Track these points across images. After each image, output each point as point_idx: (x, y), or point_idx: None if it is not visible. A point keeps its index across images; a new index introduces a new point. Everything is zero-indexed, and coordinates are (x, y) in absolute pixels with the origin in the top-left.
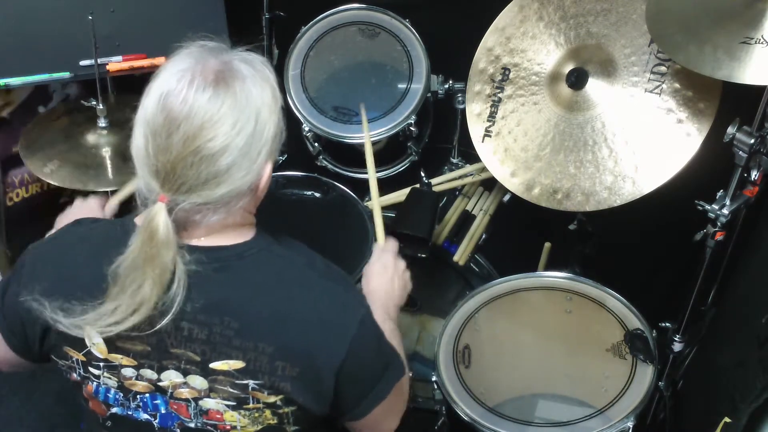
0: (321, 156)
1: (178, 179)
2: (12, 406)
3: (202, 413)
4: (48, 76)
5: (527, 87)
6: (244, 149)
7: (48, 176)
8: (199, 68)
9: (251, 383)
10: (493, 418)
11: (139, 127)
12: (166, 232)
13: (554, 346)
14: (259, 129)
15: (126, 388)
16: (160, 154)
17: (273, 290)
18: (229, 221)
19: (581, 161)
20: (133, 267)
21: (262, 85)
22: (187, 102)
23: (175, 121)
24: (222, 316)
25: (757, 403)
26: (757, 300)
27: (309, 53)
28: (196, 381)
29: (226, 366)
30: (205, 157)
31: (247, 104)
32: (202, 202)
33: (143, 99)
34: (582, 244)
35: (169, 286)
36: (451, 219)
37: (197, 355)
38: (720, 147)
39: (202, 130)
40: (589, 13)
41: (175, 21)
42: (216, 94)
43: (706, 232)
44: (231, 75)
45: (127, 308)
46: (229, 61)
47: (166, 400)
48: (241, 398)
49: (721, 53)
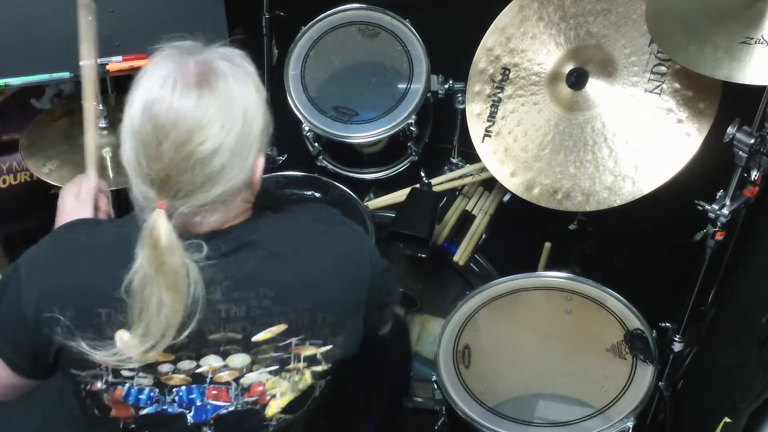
0: (321, 156)
1: (174, 185)
2: (12, 406)
3: (244, 391)
4: (48, 76)
5: (527, 87)
6: (235, 148)
7: (47, 176)
8: (180, 72)
9: (294, 340)
10: (492, 418)
11: (127, 137)
12: (169, 238)
13: (554, 346)
14: (248, 126)
15: (162, 383)
16: (153, 163)
17: (294, 251)
18: (229, 216)
19: (581, 161)
20: (146, 280)
21: (245, 81)
22: (173, 108)
23: (164, 129)
24: (257, 288)
25: (757, 403)
26: (757, 300)
27: (309, 53)
28: (237, 360)
29: (270, 334)
30: (198, 161)
31: (232, 103)
32: (200, 204)
33: (127, 109)
34: (582, 244)
35: (187, 290)
36: (451, 219)
37: (238, 333)
38: (720, 147)
39: (191, 135)
40: (589, 13)
41: (175, 21)
42: (201, 97)
43: (706, 232)
44: (213, 75)
45: (159, 329)
46: (208, 60)
47: (202, 390)
48: (283, 359)
49: (721, 53)
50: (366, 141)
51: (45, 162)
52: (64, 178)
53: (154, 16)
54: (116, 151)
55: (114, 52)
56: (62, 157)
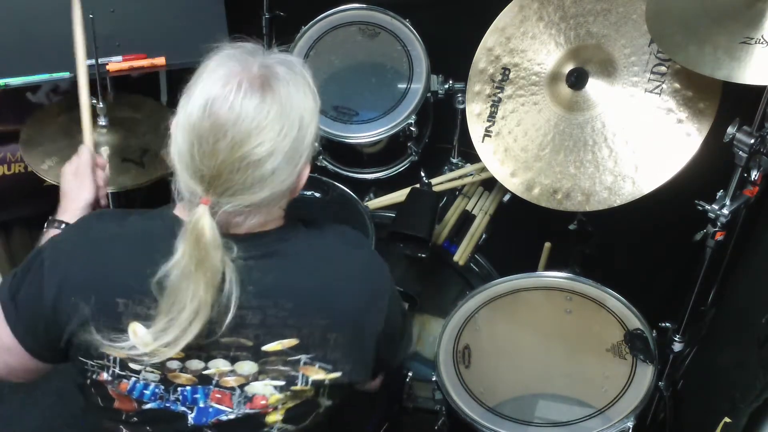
0: (321, 156)
1: (224, 183)
2: (12, 406)
3: (246, 401)
4: (48, 76)
5: (527, 87)
6: (288, 153)
7: (46, 173)
8: (245, 74)
9: (303, 357)
10: (492, 418)
11: (182, 131)
12: (213, 234)
13: (554, 346)
14: (302, 133)
15: (168, 380)
16: (206, 159)
17: (318, 267)
18: (268, 220)
19: (581, 161)
20: (184, 275)
21: (304, 89)
22: (234, 109)
23: (223, 128)
24: (276, 299)
25: (757, 403)
26: (757, 300)
27: (309, 53)
28: (244, 367)
29: (280, 346)
30: (252, 162)
31: (291, 109)
32: (246, 204)
33: (184, 103)
34: (582, 244)
35: (221, 287)
36: (451, 219)
37: (249, 340)
38: (720, 147)
39: (249, 136)
40: (589, 13)
41: (175, 21)
42: (263, 101)
43: (706, 232)
44: (275, 80)
45: (186, 320)
46: (270, 64)
47: (207, 392)
48: (291, 376)
49: (721, 53)
50: (366, 141)
51: (44, 158)
52: None
53: (154, 16)
54: (115, 150)
55: (114, 52)
56: (62, 154)
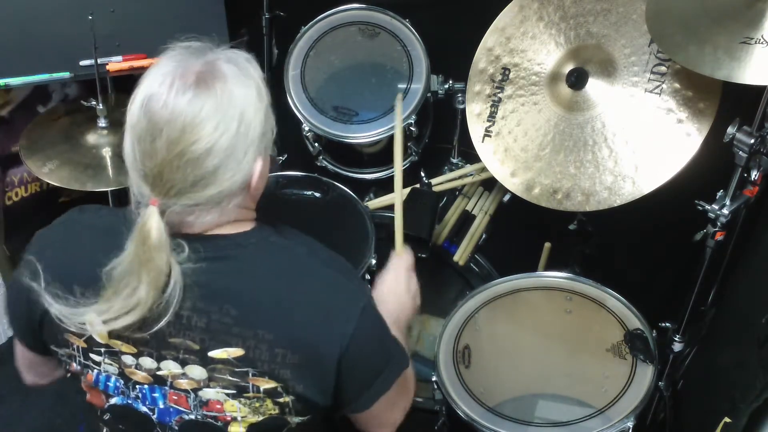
0: (321, 156)
1: (166, 183)
2: (12, 406)
3: (202, 404)
4: (48, 76)
5: (527, 87)
6: (228, 150)
7: (47, 176)
8: (180, 71)
9: (251, 371)
10: (493, 418)
11: (126, 132)
12: (159, 236)
13: (554, 346)
14: (244, 129)
15: (126, 375)
16: (147, 159)
17: (273, 278)
18: (223, 219)
19: (581, 161)
20: (128, 271)
21: (246, 84)
22: (167, 106)
23: (158, 126)
24: (221, 304)
25: (757, 403)
26: (757, 300)
27: (309, 53)
28: (195, 371)
29: (225, 354)
30: (190, 160)
31: (229, 105)
32: (193, 203)
33: (129, 105)
34: (582, 244)
35: (164, 289)
36: (451, 219)
37: (196, 343)
38: (720, 147)
39: (184, 133)
40: (589, 13)
41: (175, 21)
42: (196, 96)
43: (706, 232)
44: (212, 76)
45: (120, 309)
46: (212, 61)
47: (164, 392)
48: (241, 386)
49: (721, 53)
50: (366, 141)
51: (45, 162)
52: (64, 178)
53: (154, 16)
54: (116, 151)
55: (114, 52)
56: (62, 157)
